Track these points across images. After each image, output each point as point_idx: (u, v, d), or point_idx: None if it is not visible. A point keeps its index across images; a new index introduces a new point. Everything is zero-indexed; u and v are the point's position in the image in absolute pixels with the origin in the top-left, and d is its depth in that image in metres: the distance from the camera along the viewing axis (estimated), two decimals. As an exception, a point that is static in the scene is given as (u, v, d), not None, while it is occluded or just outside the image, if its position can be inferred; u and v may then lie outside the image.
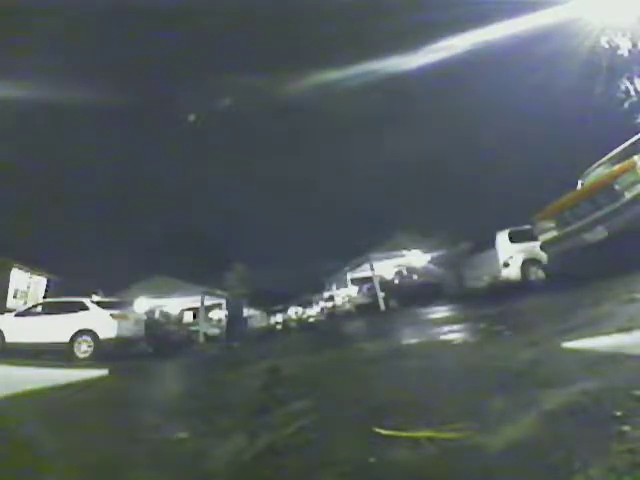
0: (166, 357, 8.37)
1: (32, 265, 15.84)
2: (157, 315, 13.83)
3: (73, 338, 7.79)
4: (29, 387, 3.60)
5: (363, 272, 17.13)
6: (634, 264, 3.55)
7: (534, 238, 5.78)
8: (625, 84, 9.92)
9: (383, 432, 1.23)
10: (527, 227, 7.04)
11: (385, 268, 15.84)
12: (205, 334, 15.73)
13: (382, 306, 13.55)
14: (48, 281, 16.88)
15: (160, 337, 11.01)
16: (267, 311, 37.88)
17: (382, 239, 16.09)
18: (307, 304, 33.93)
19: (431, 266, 13.97)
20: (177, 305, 17.95)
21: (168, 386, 4.09)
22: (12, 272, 14.74)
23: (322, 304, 24.74)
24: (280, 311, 39.48)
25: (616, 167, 4.23)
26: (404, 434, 1.19)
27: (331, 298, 21.37)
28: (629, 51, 9.46)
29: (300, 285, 36.67)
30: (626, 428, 0.92)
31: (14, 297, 14.62)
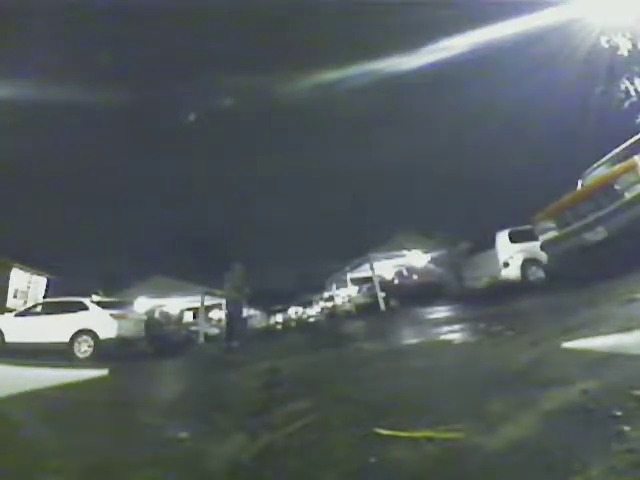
0: (166, 357, 8.37)
1: (32, 265, 15.84)
2: (157, 315, 13.81)
3: (73, 338, 7.79)
4: (28, 387, 3.59)
5: (363, 272, 17.12)
6: (634, 264, 3.55)
7: (534, 238, 5.77)
8: (625, 84, 9.92)
9: (383, 432, 1.23)
10: (527, 227, 7.03)
11: (385, 268, 15.83)
12: (205, 334, 15.73)
13: (382, 306, 13.54)
14: (48, 281, 16.88)
15: (160, 337, 10.99)
16: (267, 311, 37.89)
17: (382, 239, 16.09)
18: (307, 304, 33.92)
19: (431, 266, 13.97)
20: (177, 305, 17.94)
21: (168, 386, 4.09)
22: (12, 272, 14.74)
23: (322, 304, 24.75)
24: (280, 311, 39.49)
25: (616, 167, 4.22)
26: (404, 434, 1.19)
27: (331, 298, 21.36)
28: (629, 51, 9.45)
29: (300, 285, 36.71)
30: (626, 428, 0.92)
31: (14, 297, 14.61)
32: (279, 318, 38.23)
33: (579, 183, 5.54)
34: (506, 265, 7.69)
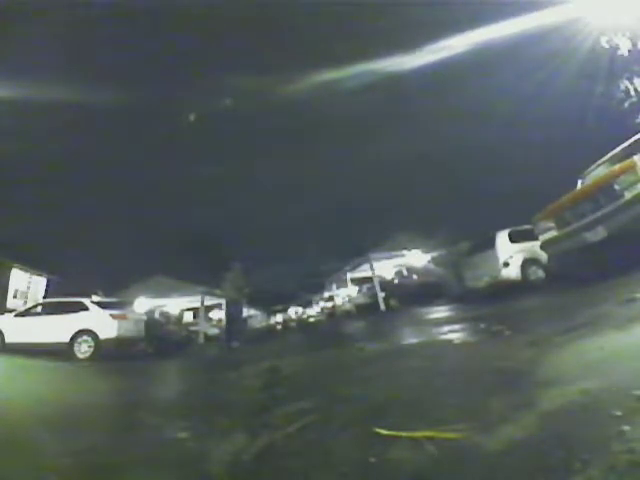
0: (166, 357, 8.37)
1: (32, 265, 15.83)
2: (157, 315, 13.81)
3: (73, 338, 7.78)
4: (27, 387, 3.60)
5: (363, 272, 17.13)
6: (634, 264, 3.55)
7: (534, 238, 5.77)
8: (625, 84, 9.92)
9: (383, 432, 1.23)
10: (527, 227, 7.03)
11: (385, 268, 15.83)
12: (205, 334, 15.73)
13: (382, 306, 13.55)
14: (48, 281, 16.88)
15: (160, 337, 10.99)
16: (267, 311, 37.85)
17: (382, 239, 16.09)
18: (307, 304, 33.93)
19: (431, 266, 13.96)
20: (177, 305, 17.95)
21: (168, 386, 4.09)
22: (12, 272, 14.74)
23: (322, 304, 24.76)
24: (280, 311, 39.44)
25: (616, 167, 4.22)
26: (404, 434, 1.19)
27: (331, 298, 21.36)
28: (629, 51, 9.46)
29: (300, 285, 36.71)
30: (626, 428, 0.92)
31: (14, 297, 14.61)
32: (279, 318, 38.16)
33: (579, 183, 5.55)
34: (506, 265, 7.69)
